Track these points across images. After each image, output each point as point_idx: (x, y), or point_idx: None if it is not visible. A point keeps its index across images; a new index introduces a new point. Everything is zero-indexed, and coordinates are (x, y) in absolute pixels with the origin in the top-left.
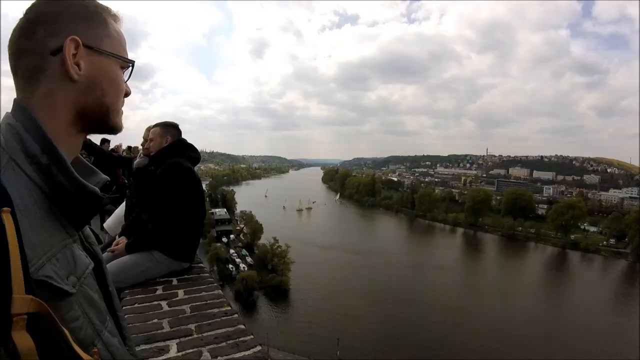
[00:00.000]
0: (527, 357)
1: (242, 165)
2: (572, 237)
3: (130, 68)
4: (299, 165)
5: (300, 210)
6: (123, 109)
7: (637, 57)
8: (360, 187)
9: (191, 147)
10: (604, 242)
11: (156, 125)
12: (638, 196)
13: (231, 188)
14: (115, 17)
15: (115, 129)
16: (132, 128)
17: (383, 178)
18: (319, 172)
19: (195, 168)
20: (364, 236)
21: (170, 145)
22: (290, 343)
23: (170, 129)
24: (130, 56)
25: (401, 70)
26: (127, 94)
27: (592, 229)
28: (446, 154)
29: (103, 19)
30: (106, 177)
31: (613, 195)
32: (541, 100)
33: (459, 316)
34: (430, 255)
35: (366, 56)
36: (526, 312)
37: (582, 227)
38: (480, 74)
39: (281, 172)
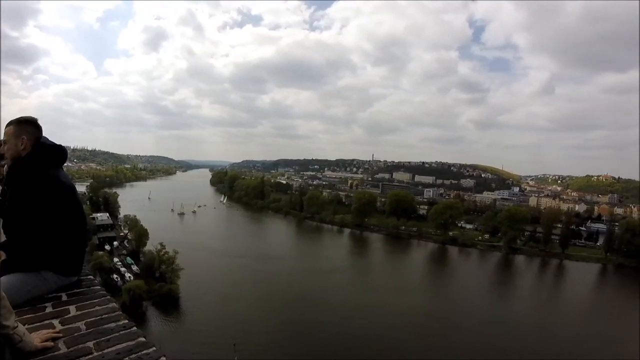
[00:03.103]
0: (424, 343)
1: (127, 166)
2: (451, 233)
3: None
4: (186, 166)
5: (182, 214)
6: None
7: (516, 80)
8: (249, 189)
9: (54, 150)
10: (480, 237)
11: (9, 123)
12: (508, 197)
13: (114, 190)
14: None
15: None
16: (8, 119)
17: (272, 181)
18: (207, 174)
19: (76, 167)
20: (255, 239)
21: (29, 154)
22: (184, 354)
23: (26, 126)
24: (13, 36)
25: (298, 75)
26: None
27: (469, 226)
28: (334, 159)
29: None
30: None
31: (487, 197)
32: (427, 112)
33: (354, 314)
34: (322, 256)
35: (265, 58)
36: (417, 304)
37: (460, 224)
38: (373, 84)
39: (168, 173)
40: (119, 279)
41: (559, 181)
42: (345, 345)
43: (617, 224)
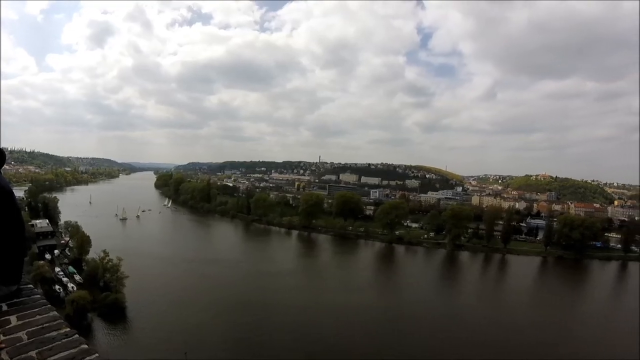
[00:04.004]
0: (374, 340)
1: (67, 169)
2: (397, 233)
3: None
4: (130, 169)
5: (125, 220)
6: None
7: (460, 85)
8: (195, 192)
9: None
10: (425, 236)
11: None
12: (452, 197)
13: (54, 195)
14: None
15: None
16: None
17: (219, 183)
18: (152, 177)
19: (14, 170)
20: (202, 244)
21: None
22: None
23: None
24: None
25: (247, 76)
26: None
27: (414, 225)
28: (281, 161)
29: None
30: None
31: (431, 196)
32: (374, 115)
33: (306, 315)
34: (271, 259)
35: (214, 58)
36: (367, 302)
37: (406, 224)
38: (321, 87)
39: (111, 176)
40: (61, 290)
41: (500, 181)
42: (297, 346)
43: (555, 219)
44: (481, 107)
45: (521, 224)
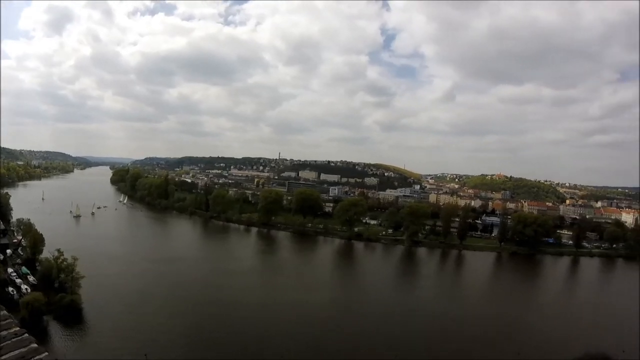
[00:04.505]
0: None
1: (19, 162)
2: (356, 229)
3: None
4: (85, 163)
5: (78, 217)
6: None
7: (421, 86)
8: (153, 188)
9: None
10: (384, 232)
11: None
12: (410, 194)
13: (5, 191)
14: None
15: None
16: None
17: (176, 179)
18: (107, 172)
19: None
20: (160, 241)
21: None
22: None
23: None
24: None
25: (208, 70)
26: None
27: (373, 222)
28: (241, 157)
29: None
30: None
31: (390, 194)
32: (335, 113)
33: (265, 313)
34: (230, 256)
35: (175, 50)
36: (326, 298)
37: (364, 221)
38: (283, 83)
39: (65, 171)
40: (14, 292)
41: (457, 179)
42: (256, 344)
43: (509, 217)
44: (440, 108)
45: (477, 221)
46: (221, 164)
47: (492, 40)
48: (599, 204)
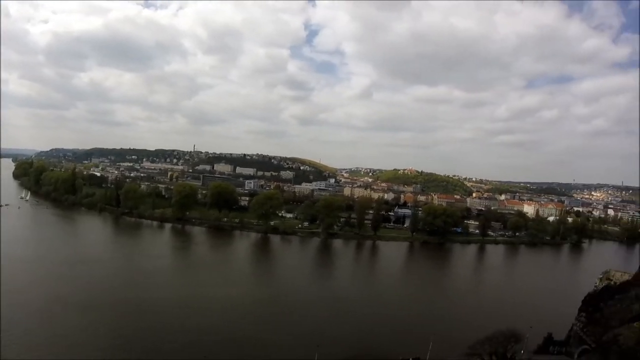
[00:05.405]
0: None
1: None
2: (272, 223)
3: None
4: None
5: None
6: None
7: (339, 82)
8: (59, 183)
9: None
10: (300, 225)
11: None
12: (325, 188)
13: None
14: None
15: None
16: None
17: (85, 173)
18: (9, 165)
19: None
20: (70, 242)
21: None
22: None
23: None
24: None
25: (124, 54)
26: None
27: (289, 215)
28: (154, 149)
29: None
30: None
31: (305, 187)
32: (253, 105)
33: (184, 311)
34: (143, 255)
35: (89, 31)
36: (245, 293)
37: (280, 214)
38: (202, 73)
39: None
40: None
41: (371, 173)
42: (177, 342)
43: (420, 209)
44: (357, 105)
45: (390, 213)
46: (133, 157)
47: (412, 43)
48: (503, 196)
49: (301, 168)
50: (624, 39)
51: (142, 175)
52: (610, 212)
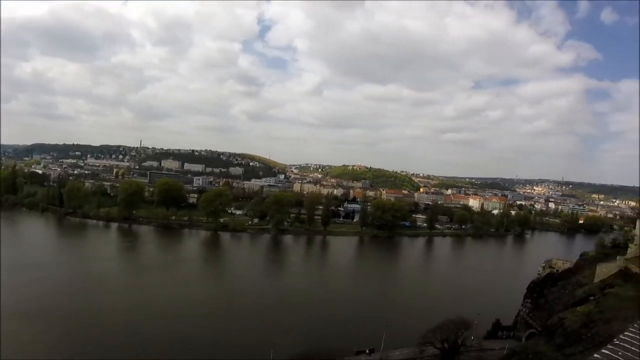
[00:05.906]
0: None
1: None
2: (222, 220)
3: None
4: None
5: None
6: None
7: (290, 78)
8: None
9: None
10: (250, 222)
11: None
12: (275, 184)
13: None
14: None
15: None
16: None
17: (26, 170)
18: None
19: None
20: (10, 246)
21: None
22: None
23: None
24: None
25: (68, 43)
26: None
27: (239, 212)
28: (99, 144)
29: None
30: None
31: (254, 184)
32: (202, 100)
33: (135, 316)
34: (89, 257)
35: (34, 17)
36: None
37: (230, 211)
38: (150, 65)
39: None
40: None
41: (320, 169)
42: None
43: (369, 204)
44: (308, 101)
45: (339, 208)
46: (77, 153)
47: (364, 42)
48: (449, 191)
49: (251, 164)
50: (568, 46)
51: (86, 172)
52: (551, 205)
